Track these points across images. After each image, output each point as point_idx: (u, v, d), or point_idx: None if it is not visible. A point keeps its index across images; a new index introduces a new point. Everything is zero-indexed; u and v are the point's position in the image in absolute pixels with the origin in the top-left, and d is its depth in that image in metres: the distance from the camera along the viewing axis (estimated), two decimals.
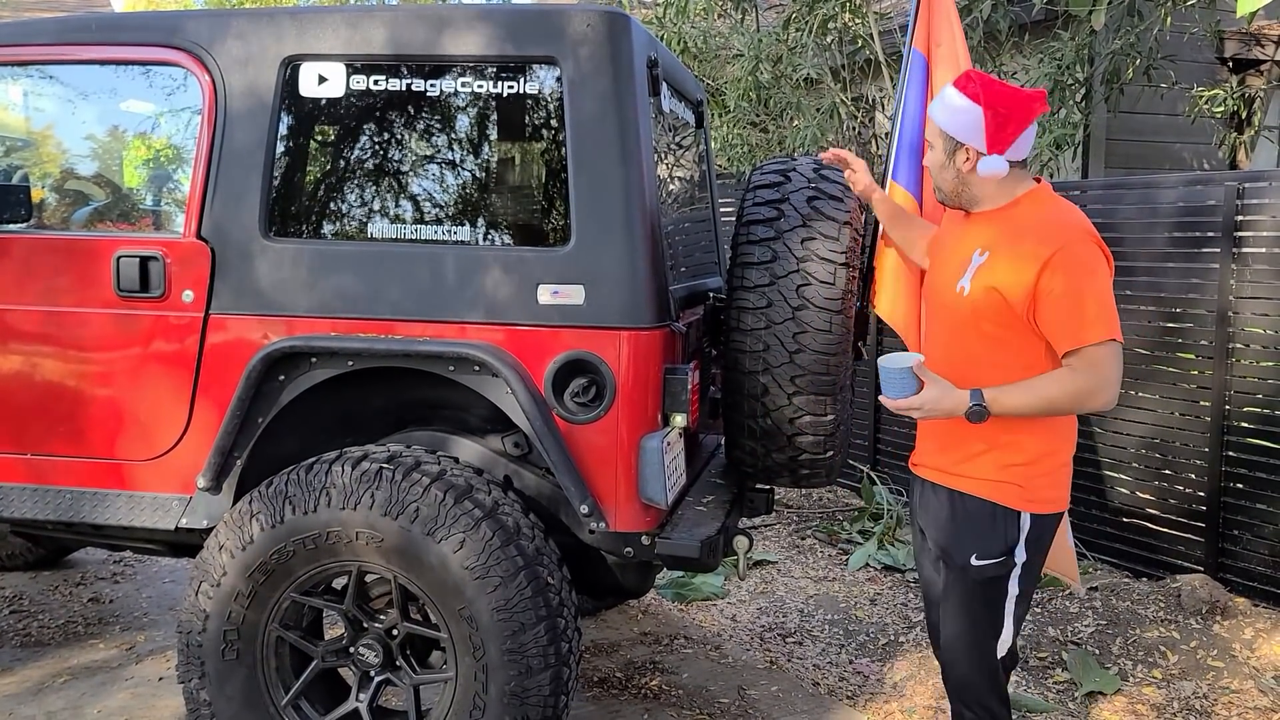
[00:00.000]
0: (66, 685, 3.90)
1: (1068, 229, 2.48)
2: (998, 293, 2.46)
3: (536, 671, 2.81)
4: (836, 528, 5.95)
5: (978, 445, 2.55)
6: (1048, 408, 2.46)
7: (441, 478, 2.85)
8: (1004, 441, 2.53)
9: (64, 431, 3.20)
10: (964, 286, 2.53)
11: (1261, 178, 4.75)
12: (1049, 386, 2.43)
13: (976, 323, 2.52)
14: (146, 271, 3.08)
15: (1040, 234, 2.47)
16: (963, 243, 2.62)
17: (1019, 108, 2.51)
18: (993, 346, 2.51)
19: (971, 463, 2.57)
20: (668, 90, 3.44)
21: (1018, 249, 2.47)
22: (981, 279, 2.50)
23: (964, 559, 2.58)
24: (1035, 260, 2.42)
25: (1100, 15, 5.97)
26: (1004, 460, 2.54)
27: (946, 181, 2.62)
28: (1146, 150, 7.58)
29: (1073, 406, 2.47)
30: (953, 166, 2.58)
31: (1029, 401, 2.45)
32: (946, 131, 2.57)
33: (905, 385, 2.45)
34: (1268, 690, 3.92)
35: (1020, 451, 2.53)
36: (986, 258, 2.51)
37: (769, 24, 8.16)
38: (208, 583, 2.92)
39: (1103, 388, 2.42)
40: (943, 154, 2.59)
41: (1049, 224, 2.50)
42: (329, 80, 3.05)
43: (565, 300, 2.90)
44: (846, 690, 4.03)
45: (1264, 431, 4.60)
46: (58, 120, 3.43)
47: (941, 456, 2.64)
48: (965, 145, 2.54)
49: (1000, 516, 2.55)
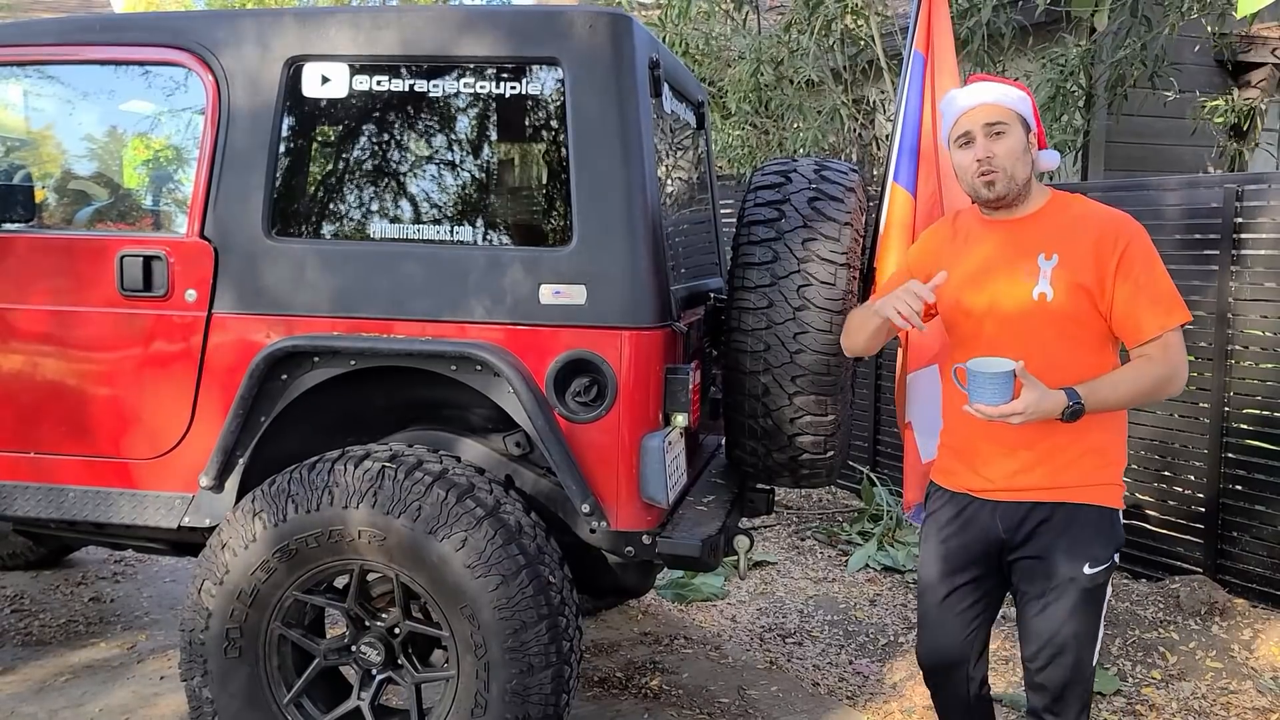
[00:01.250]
0: (68, 684, 3.91)
1: (1125, 220, 2.47)
2: (1085, 290, 2.43)
3: (538, 670, 2.82)
4: (836, 529, 5.96)
5: (1070, 453, 2.48)
6: (1136, 399, 2.47)
7: (443, 477, 2.86)
8: (1093, 444, 2.49)
9: (67, 430, 3.21)
10: (1045, 292, 2.45)
11: (1261, 180, 4.76)
12: (1135, 378, 2.43)
13: (1063, 326, 2.46)
14: (150, 271, 3.10)
15: (1104, 227, 2.45)
16: (1004, 252, 2.52)
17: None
18: (1073, 348, 2.47)
19: (1066, 472, 2.49)
20: (669, 91, 3.45)
21: (1087, 245, 2.44)
22: (1066, 279, 2.43)
23: (1076, 570, 2.47)
24: (1114, 250, 2.41)
25: (1103, 15, 5.97)
26: (1097, 463, 2.51)
27: (1024, 169, 2.50)
28: (1146, 153, 7.59)
29: (1154, 395, 2.47)
30: (1028, 154, 2.50)
31: (1118, 394, 2.43)
32: (1020, 114, 2.50)
33: (1005, 390, 2.37)
34: (1266, 691, 3.93)
35: (1107, 452, 2.52)
36: (1057, 260, 2.45)
37: (770, 26, 8.17)
38: (210, 581, 2.92)
39: (1179, 371, 2.44)
40: (1023, 138, 2.50)
41: (1104, 217, 2.48)
42: (332, 81, 3.06)
43: (567, 300, 2.91)
44: (846, 690, 4.04)
45: (1263, 433, 4.61)
46: (61, 120, 3.44)
47: (1025, 475, 2.50)
48: (1033, 131, 2.52)
49: (1107, 519, 2.52)
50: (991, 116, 2.50)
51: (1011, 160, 2.48)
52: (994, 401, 2.37)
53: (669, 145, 3.51)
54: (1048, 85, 6.45)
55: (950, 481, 2.66)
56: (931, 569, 2.68)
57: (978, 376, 2.38)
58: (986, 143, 2.49)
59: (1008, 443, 2.51)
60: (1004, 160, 2.48)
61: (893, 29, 7.26)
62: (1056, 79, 6.41)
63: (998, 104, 2.51)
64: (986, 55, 6.76)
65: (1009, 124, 2.50)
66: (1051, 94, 6.43)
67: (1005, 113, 2.50)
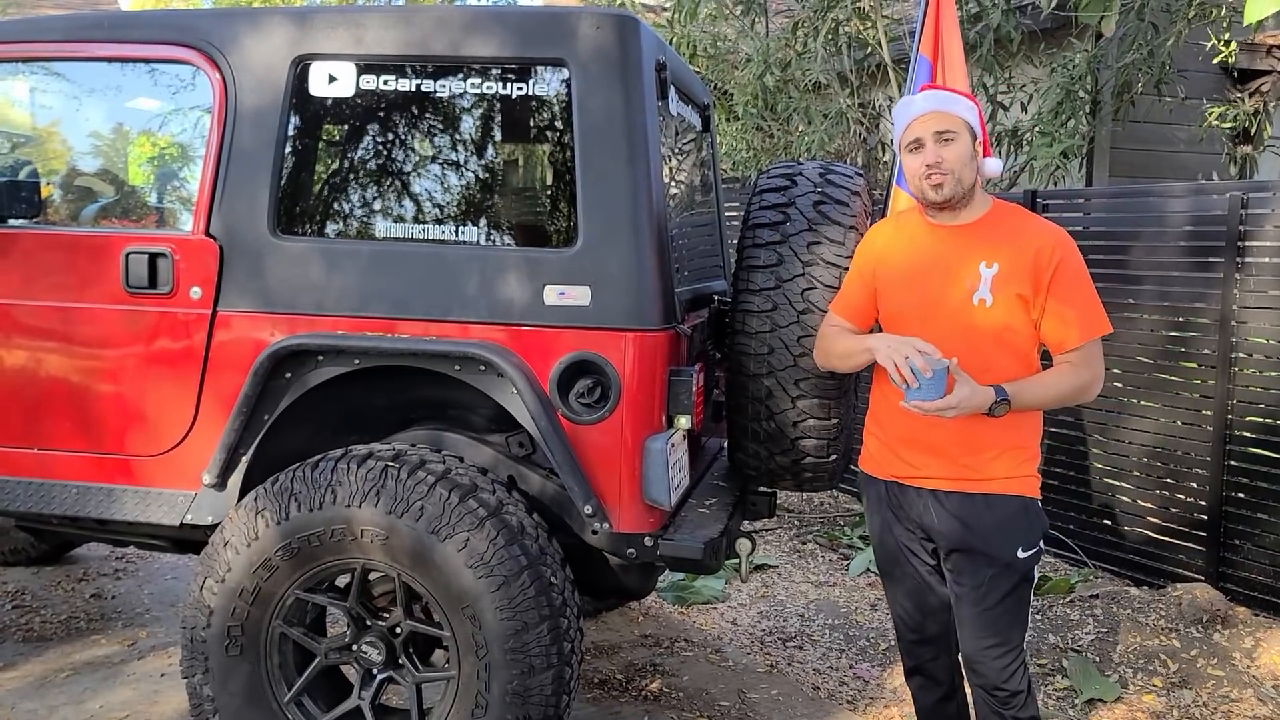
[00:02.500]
0: (69, 680, 3.91)
1: (1061, 235, 2.61)
2: (1022, 299, 2.56)
3: (539, 671, 2.82)
4: (837, 533, 5.96)
5: (994, 449, 2.63)
6: (1058, 401, 2.63)
7: (446, 476, 2.86)
8: (1014, 440, 2.64)
9: (70, 426, 3.21)
10: (984, 299, 2.58)
11: (1265, 188, 4.75)
12: (1060, 381, 2.59)
13: (1000, 332, 2.59)
14: (155, 268, 3.10)
15: (1043, 240, 2.59)
16: (948, 255, 2.64)
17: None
18: (1004, 352, 2.60)
19: (993, 465, 2.63)
20: (675, 93, 3.45)
21: (1027, 256, 2.56)
22: (1005, 288, 2.57)
23: (1009, 555, 2.63)
24: (1050, 261, 2.55)
25: (1110, 21, 5.98)
26: (1019, 458, 2.65)
27: (969, 175, 2.61)
28: (1151, 160, 7.59)
29: (1074, 399, 2.65)
30: (974, 161, 2.62)
31: (1043, 395, 2.59)
32: (970, 123, 2.61)
33: (940, 386, 2.49)
34: (1267, 699, 3.93)
35: (1027, 447, 2.67)
36: (998, 268, 2.57)
37: (777, 29, 8.17)
38: (212, 578, 2.93)
39: (1097, 380, 2.61)
40: (970, 145, 2.62)
41: (1044, 232, 2.62)
42: (339, 80, 3.06)
43: (571, 301, 2.91)
44: (846, 695, 4.03)
45: (1266, 441, 4.60)
46: (68, 117, 3.45)
47: (953, 465, 2.65)
48: (979, 139, 2.63)
49: (1031, 509, 2.66)
50: (942, 124, 2.61)
51: (959, 165, 2.59)
52: (929, 397, 2.50)
53: (674, 147, 3.51)
54: (1055, 90, 6.44)
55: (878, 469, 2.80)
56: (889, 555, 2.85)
57: (917, 373, 2.48)
58: (936, 148, 2.60)
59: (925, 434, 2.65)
60: (952, 165, 2.59)
61: (900, 33, 7.27)
62: (1064, 84, 6.40)
63: (947, 112, 2.62)
64: (995, 60, 6.76)
65: (958, 131, 2.60)
66: (1059, 99, 6.42)
67: (955, 120, 2.61)
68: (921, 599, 2.82)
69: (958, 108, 2.62)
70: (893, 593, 2.88)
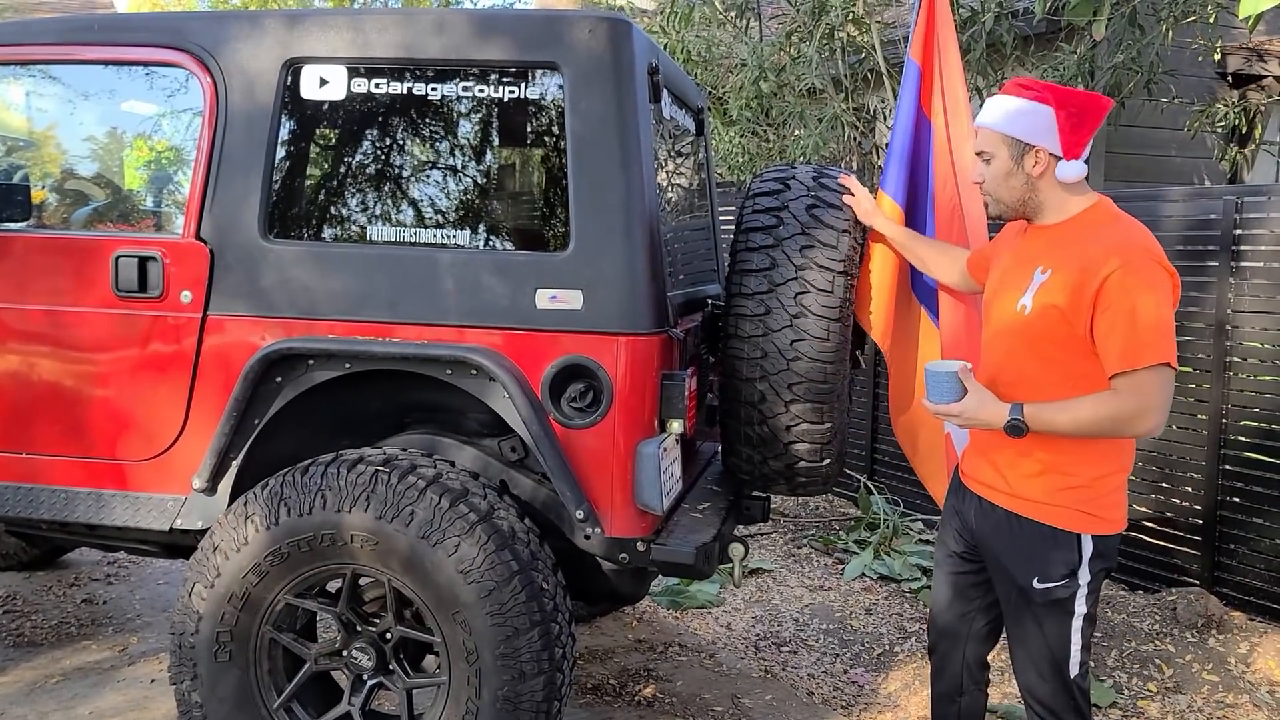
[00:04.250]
0: (59, 686, 3.89)
1: (1131, 247, 2.39)
2: (1057, 311, 2.40)
3: (530, 677, 2.81)
4: (832, 537, 5.94)
5: (1033, 466, 2.50)
6: (1086, 429, 2.40)
7: (437, 481, 2.84)
8: (1059, 464, 2.48)
9: (60, 431, 3.19)
10: (1025, 305, 2.47)
11: (1260, 192, 4.76)
12: (1089, 407, 2.37)
13: (1035, 343, 2.46)
14: (145, 272, 3.08)
15: (1102, 249, 2.38)
16: (1023, 259, 2.54)
17: (1091, 106, 2.47)
18: (1047, 367, 2.45)
19: (1026, 484, 2.51)
20: (668, 97, 3.44)
21: (1079, 264, 2.39)
22: (1042, 297, 2.43)
23: (1025, 581, 2.53)
24: (1095, 277, 2.35)
25: (1100, 25, 5.99)
26: (1059, 484, 2.48)
27: (1013, 190, 2.51)
28: (1147, 164, 7.60)
29: (1113, 430, 2.40)
30: (1021, 173, 2.49)
31: (1067, 421, 2.39)
32: (1012, 136, 2.48)
33: (949, 390, 2.44)
34: (1262, 704, 3.92)
35: (1075, 475, 2.47)
36: (1049, 275, 2.44)
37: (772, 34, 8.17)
38: (201, 584, 2.91)
39: (1147, 413, 2.35)
40: (1008, 161, 2.49)
41: (1112, 240, 2.41)
42: (330, 83, 3.05)
43: (563, 305, 2.90)
44: (841, 700, 4.02)
45: (1261, 445, 4.60)
46: (58, 120, 3.43)
47: (995, 475, 2.58)
48: (1037, 148, 2.46)
49: (1061, 540, 2.50)
50: (978, 144, 2.57)
51: (995, 185, 2.54)
52: (937, 400, 2.47)
53: (668, 151, 3.50)
54: None
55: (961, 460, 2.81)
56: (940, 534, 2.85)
57: (928, 374, 2.49)
58: (979, 166, 2.59)
59: (984, 440, 2.63)
60: (989, 185, 2.56)
61: (894, 37, 7.27)
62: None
63: (985, 128, 2.55)
64: (988, 64, 6.77)
65: (992, 151, 2.53)
66: None
67: (989, 139, 2.53)
68: (947, 591, 2.81)
69: (997, 121, 2.50)
70: (935, 579, 2.88)
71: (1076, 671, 2.55)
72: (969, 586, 2.77)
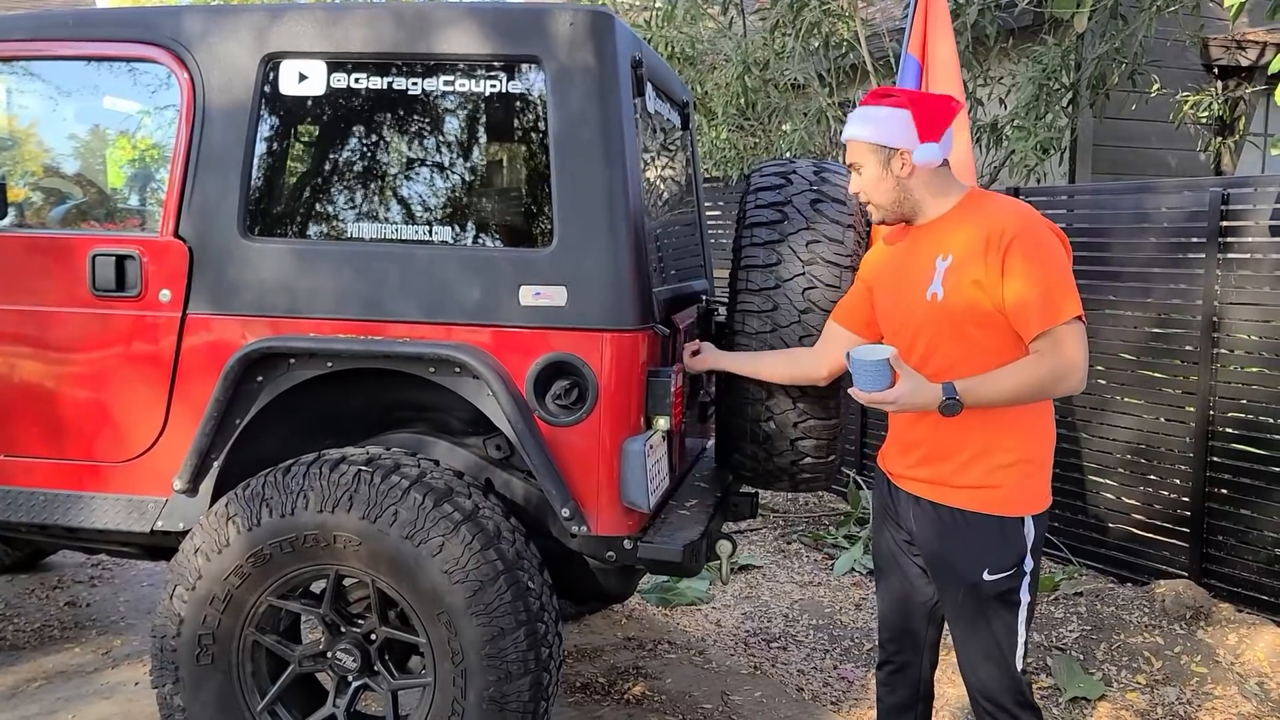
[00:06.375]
0: (42, 690, 3.85)
1: (1020, 214, 2.47)
2: (977, 287, 2.43)
3: (516, 677, 2.78)
4: (822, 532, 5.93)
5: (964, 454, 2.50)
6: (1019, 394, 2.43)
7: (421, 480, 2.81)
8: (988, 445, 2.49)
9: (38, 432, 3.15)
10: (936, 293, 2.49)
11: (1247, 184, 4.76)
12: (1019, 373, 2.41)
13: (958, 325, 2.47)
14: (123, 271, 3.05)
15: (995, 223, 2.45)
16: (916, 255, 2.58)
17: (938, 102, 2.58)
18: (971, 349, 2.47)
19: (960, 473, 2.51)
20: (653, 91, 3.41)
21: (978, 241, 2.44)
22: (954, 279, 2.46)
23: (975, 576, 2.51)
24: (998, 247, 2.40)
25: (1083, 18, 5.99)
26: (991, 464, 2.49)
27: (885, 194, 2.58)
28: (1133, 156, 7.60)
29: (1044, 391, 2.44)
30: (891, 175, 2.55)
31: (1000, 389, 2.41)
32: (875, 143, 2.55)
33: (880, 378, 2.41)
34: (1251, 696, 3.92)
35: (1006, 452, 2.49)
36: (951, 259, 2.48)
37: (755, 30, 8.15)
38: (183, 586, 2.88)
39: (1071, 369, 2.39)
40: (877, 167, 2.56)
41: (1000, 213, 2.49)
42: (309, 78, 3.01)
43: (548, 302, 2.87)
44: (830, 696, 4.01)
45: (1248, 437, 4.60)
46: (34, 117, 3.39)
47: (927, 469, 2.58)
48: (899, 150, 2.53)
49: (1008, 527, 2.50)
50: (849, 157, 2.63)
51: (870, 189, 2.60)
52: (869, 388, 2.44)
53: (653, 146, 3.48)
54: (1030, 84, 6.45)
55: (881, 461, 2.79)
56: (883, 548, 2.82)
57: (855, 362, 2.45)
58: (853, 178, 2.64)
59: (908, 432, 2.62)
60: (865, 192, 2.61)
61: (877, 31, 7.25)
62: (1037, 77, 6.42)
63: (851, 141, 2.60)
64: (972, 57, 6.76)
65: (861, 161, 2.59)
66: (1035, 93, 6.43)
67: (856, 149, 2.60)
68: (901, 598, 2.76)
69: (859, 131, 2.57)
70: (879, 585, 2.84)
71: (1021, 665, 2.57)
72: (925, 585, 2.70)
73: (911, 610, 2.76)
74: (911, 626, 2.77)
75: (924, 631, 2.76)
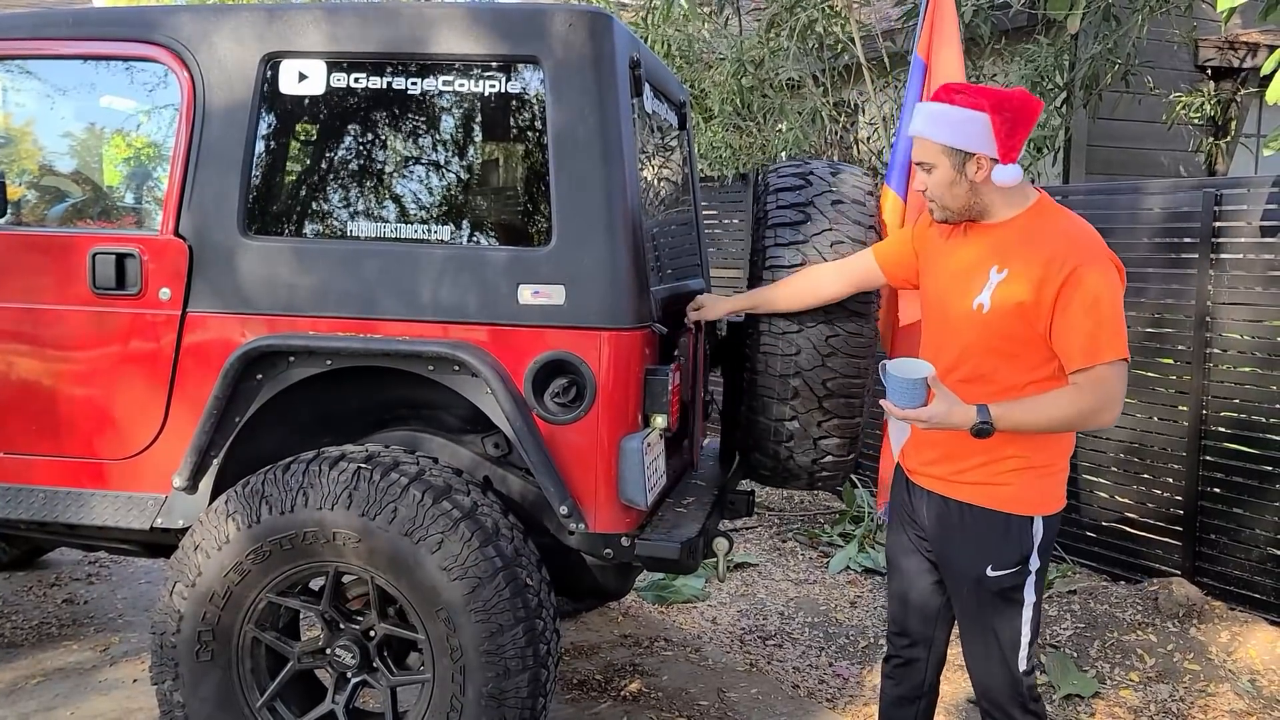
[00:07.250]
0: (40, 687, 3.86)
1: (1084, 244, 2.43)
2: (1021, 308, 2.41)
3: (514, 673, 2.80)
4: (817, 531, 5.96)
5: (980, 455, 2.51)
6: (1052, 425, 2.44)
7: (420, 478, 2.83)
8: (1006, 449, 2.49)
9: (38, 430, 3.16)
10: (983, 303, 2.46)
11: (1239, 184, 4.79)
12: (1055, 405, 2.40)
13: (994, 340, 2.46)
14: (123, 269, 3.05)
15: (1058, 248, 2.41)
16: (970, 257, 2.54)
17: (1024, 110, 2.48)
18: (1006, 363, 2.46)
19: (974, 470, 2.53)
20: (650, 91, 3.43)
21: (1037, 264, 2.40)
22: (1003, 295, 2.44)
23: (978, 571, 2.53)
24: (1057, 276, 2.37)
25: (1076, 18, 6.01)
26: (1005, 466, 2.50)
27: (958, 198, 2.51)
28: (1127, 156, 7.63)
29: (1076, 424, 2.44)
30: (964, 180, 2.48)
31: (1034, 419, 2.42)
32: (952, 145, 2.47)
33: (915, 395, 2.40)
34: (1244, 693, 3.94)
35: (1022, 457, 2.50)
36: (1006, 274, 2.44)
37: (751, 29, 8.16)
38: (182, 583, 2.89)
39: (1107, 406, 2.40)
40: (950, 170, 2.48)
41: (1065, 238, 2.44)
42: (309, 78, 3.03)
43: (546, 300, 2.88)
44: (826, 693, 4.03)
45: (1241, 436, 4.62)
46: (33, 116, 3.40)
47: (941, 466, 2.59)
48: (977, 155, 2.46)
49: (1015, 525, 2.52)
50: (918, 154, 2.56)
51: (939, 191, 2.53)
52: (903, 404, 2.43)
53: (651, 145, 3.49)
54: (1024, 84, 6.48)
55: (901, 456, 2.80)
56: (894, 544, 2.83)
57: (891, 377, 2.44)
58: (920, 175, 2.58)
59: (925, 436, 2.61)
60: (933, 193, 2.55)
61: (872, 31, 7.27)
62: (1029, 76, 6.44)
63: (923, 138, 2.53)
64: (966, 57, 6.78)
65: (932, 161, 2.52)
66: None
67: (928, 150, 2.52)
68: (911, 593, 2.77)
69: (935, 132, 2.50)
70: (891, 582, 2.85)
71: (1024, 666, 2.57)
72: (936, 583, 2.73)
73: (921, 609, 2.77)
74: (921, 625, 2.78)
75: (933, 631, 2.78)
